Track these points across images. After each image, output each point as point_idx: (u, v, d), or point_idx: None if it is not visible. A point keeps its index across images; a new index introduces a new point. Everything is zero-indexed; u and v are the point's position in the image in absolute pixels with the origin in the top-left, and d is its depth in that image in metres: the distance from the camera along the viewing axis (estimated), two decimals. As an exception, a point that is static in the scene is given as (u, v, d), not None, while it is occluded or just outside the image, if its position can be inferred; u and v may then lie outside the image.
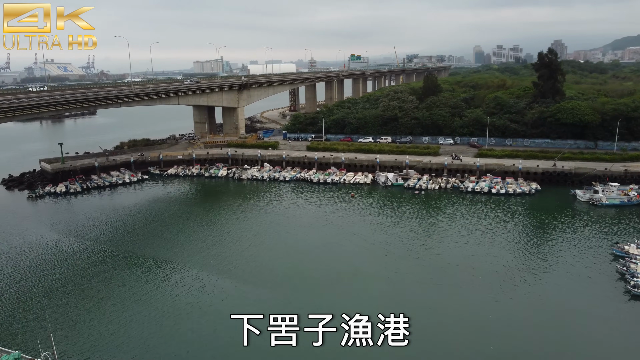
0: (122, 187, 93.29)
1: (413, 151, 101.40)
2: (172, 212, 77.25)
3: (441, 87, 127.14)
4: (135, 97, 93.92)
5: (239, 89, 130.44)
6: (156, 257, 57.55)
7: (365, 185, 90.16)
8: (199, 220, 71.97)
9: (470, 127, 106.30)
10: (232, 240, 62.79)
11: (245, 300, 40.37)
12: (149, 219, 73.24)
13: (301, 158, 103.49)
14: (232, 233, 65.83)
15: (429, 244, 60.62)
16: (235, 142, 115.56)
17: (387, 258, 56.36)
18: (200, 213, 76.57)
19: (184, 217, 73.81)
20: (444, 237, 62.78)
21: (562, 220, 69.31)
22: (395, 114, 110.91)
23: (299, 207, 78.18)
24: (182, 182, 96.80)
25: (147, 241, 63.23)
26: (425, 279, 50.53)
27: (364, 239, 62.51)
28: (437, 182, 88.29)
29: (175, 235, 64.93)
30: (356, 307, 24.01)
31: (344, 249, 59.39)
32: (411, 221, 70.10)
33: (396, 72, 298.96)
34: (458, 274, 51.76)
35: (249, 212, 75.67)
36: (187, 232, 66.55)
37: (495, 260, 54.82)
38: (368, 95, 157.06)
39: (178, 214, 75.74)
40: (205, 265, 54.22)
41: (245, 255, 57.52)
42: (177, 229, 67.89)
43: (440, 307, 42.23)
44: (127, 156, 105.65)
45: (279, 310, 22.23)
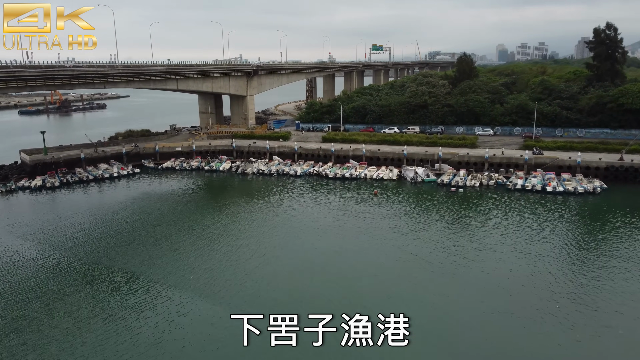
0: (109, 181, 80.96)
1: (446, 142, 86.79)
2: (159, 212, 64.32)
3: (477, 71, 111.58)
4: (123, 77, 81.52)
5: (249, 75, 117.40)
6: (128, 269, 44.66)
7: (390, 182, 76.00)
8: (189, 223, 58.81)
9: (513, 115, 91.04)
10: (226, 250, 49.47)
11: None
12: (130, 219, 60.44)
13: (315, 150, 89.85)
14: (227, 241, 52.49)
15: (474, 256, 46.24)
16: (242, 133, 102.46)
17: (422, 273, 42.41)
18: (193, 214, 63.45)
19: (172, 219, 60.78)
20: (491, 247, 48.30)
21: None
22: (425, 101, 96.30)
23: (311, 207, 64.50)
24: (179, 177, 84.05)
25: (120, 248, 50.36)
26: (485, 309, 36.39)
27: (390, 247, 48.63)
28: (477, 178, 73.59)
29: (156, 242, 51.97)
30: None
31: (368, 259, 45.64)
32: (448, 226, 55.80)
33: (419, 65, 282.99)
34: (528, 301, 37.45)
35: (251, 214, 62.24)
36: (172, 237, 53.50)
37: (567, 281, 40.33)
38: (392, 82, 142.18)
39: (165, 215, 62.78)
40: (186, 281, 41.19)
41: (244, 267, 44.23)
42: (161, 233, 54.88)
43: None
44: (119, 147, 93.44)
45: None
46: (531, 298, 38.11)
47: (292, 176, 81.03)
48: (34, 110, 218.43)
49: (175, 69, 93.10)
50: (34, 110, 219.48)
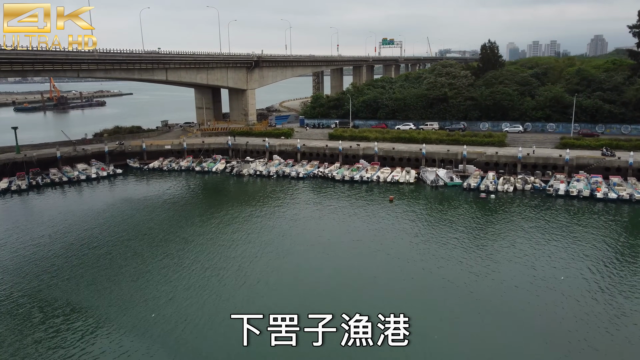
0: (86, 184, 71.15)
1: (470, 140, 75.93)
2: (134, 221, 54.14)
3: (504, 61, 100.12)
4: (100, 65, 71.45)
5: (249, 67, 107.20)
6: (82, 305, 34.60)
7: (407, 185, 65.37)
8: (167, 236, 48.58)
9: (547, 109, 79.85)
10: (205, 276, 39.22)
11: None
12: (99, 231, 50.31)
13: (321, 149, 79.43)
14: (208, 263, 42.17)
15: (519, 283, 35.55)
16: (240, 130, 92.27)
17: (457, 305, 31.93)
18: (171, 225, 53.20)
19: (147, 231, 50.60)
20: (541, 272, 37.55)
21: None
22: (445, 93, 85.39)
23: (314, 216, 54.04)
24: (166, 179, 73.99)
25: (79, 268, 40.29)
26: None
27: (414, 270, 38.07)
28: (510, 182, 62.74)
29: (124, 263, 41.85)
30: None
31: (382, 285, 35.30)
32: (481, 242, 45.11)
33: (431, 61, 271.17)
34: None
35: (241, 225, 51.84)
36: (144, 257, 43.41)
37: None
38: (407, 74, 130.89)
39: (141, 225, 52.61)
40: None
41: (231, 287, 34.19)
42: (131, 251, 44.79)
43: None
44: (101, 145, 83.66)
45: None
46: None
47: (293, 178, 70.71)
48: (29, 107, 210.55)
49: (164, 58, 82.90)
50: (30, 107, 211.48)
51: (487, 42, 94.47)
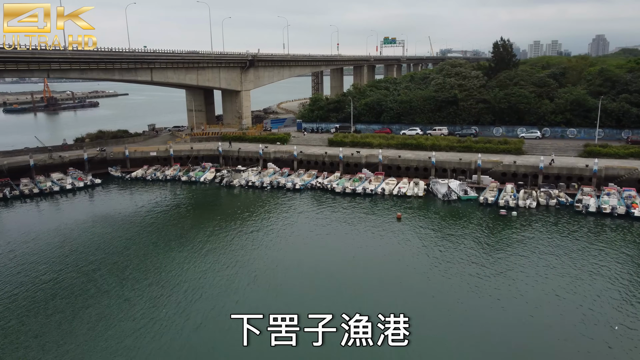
0: (60, 196, 64.31)
1: (483, 147, 69.04)
2: (101, 243, 47.11)
3: (518, 60, 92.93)
4: (74, 64, 64.44)
5: (243, 67, 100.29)
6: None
7: (416, 199, 58.43)
8: (132, 265, 41.67)
9: (567, 112, 72.82)
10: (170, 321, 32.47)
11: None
12: (59, 255, 43.36)
13: (320, 156, 72.51)
14: (171, 312, 35.29)
15: (563, 329, 28.65)
16: (232, 135, 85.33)
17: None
18: (139, 250, 46.18)
19: (110, 257, 43.65)
20: (588, 316, 30.62)
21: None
22: (454, 95, 78.39)
23: (310, 239, 47.07)
24: (148, 190, 67.04)
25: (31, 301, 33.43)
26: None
27: (430, 310, 31.29)
28: (532, 197, 55.79)
29: (83, 293, 34.97)
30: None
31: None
32: (511, 270, 38.12)
33: (434, 61, 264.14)
34: None
35: (226, 250, 44.87)
36: (107, 289, 36.50)
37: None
38: (412, 74, 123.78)
39: (107, 248, 45.60)
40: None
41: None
42: (91, 280, 37.88)
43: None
44: (80, 152, 76.72)
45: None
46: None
47: (289, 190, 63.73)
48: (19, 109, 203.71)
49: (148, 57, 75.83)
50: (20, 108, 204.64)
51: (499, 40, 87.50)
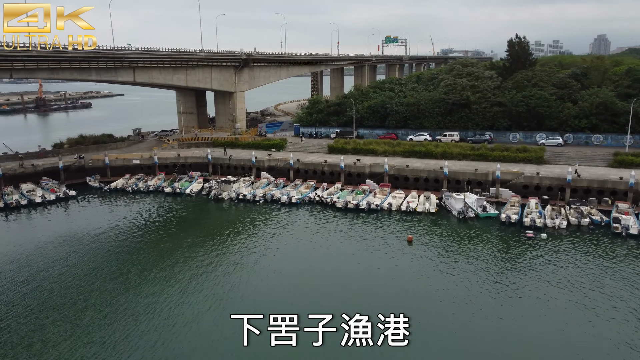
0: (28, 210, 57.50)
1: (500, 156, 62.18)
2: (63, 267, 40.16)
3: (535, 59, 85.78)
4: (41, 63, 57.55)
5: (237, 67, 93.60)
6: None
7: (428, 216, 51.53)
8: (100, 300, 34.80)
9: (592, 117, 65.90)
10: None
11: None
12: (7, 284, 36.47)
13: (319, 165, 65.65)
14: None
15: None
16: (223, 140, 78.42)
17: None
18: (113, 276, 39.21)
19: (76, 284, 36.76)
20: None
21: None
22: (467, 97, 71.47)
23: (305, 268, 40.11)
24: (127, 203, 60.12)
25: None
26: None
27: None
28: (561, 215, 48.88)
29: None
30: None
31: None
32: (545, 314, 31.23)
33: (436, 61, 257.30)
34: None
35: (210, 280, 37.93)
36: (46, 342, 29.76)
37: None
38: (418, 74, 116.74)
39: (71, 273, 38.64)
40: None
41: None
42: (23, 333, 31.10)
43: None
44: (55, 160, 69.81)
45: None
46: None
47: (284, 204, 56.80)
48: (8, 110, 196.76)
49: (129, 55, 68.88)
50: (9, 109, 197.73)
51: (514, 37, 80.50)
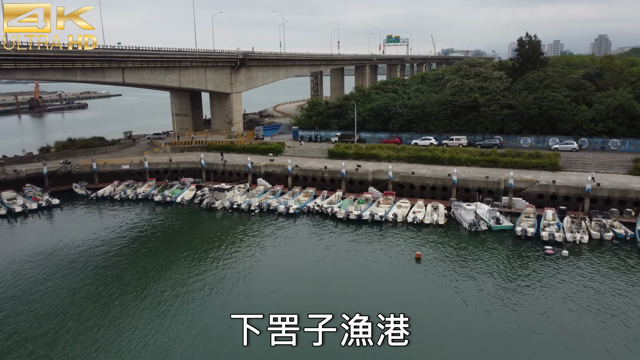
0: (7, 220, 53.69)
1: (512, 162, 58.38)
2: (40, 284, 36.31)
3: (546, 58, 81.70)
4: (20, 63, 53.63)
5: (234, 67, 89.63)
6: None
7: (437, 228, 47.66)
8: (75, 326, 31.02)
9: (609, 120, 62.03)
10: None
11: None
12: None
13: (319, 171, 61.83)
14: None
15: None
16: (218, 144, 74.59)
17: None
18: (90, 298, 35.33)
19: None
20: None
21: None
22: (475, 99, 67.59)
23: (301, 290, 36.21)
24: (114, 213, 56.27)
25: None
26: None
27: None
28: (582, 228, 45.02)
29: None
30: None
31: None
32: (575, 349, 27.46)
33: (437, 61, 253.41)
34: None
35: (195, 303, 34.07)
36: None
37: None
38: (423, 74, 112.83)
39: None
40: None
41: None
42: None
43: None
44: (40, 165, 65.99)
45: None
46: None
47: (281, 214, 52.91)
48: (2, 111, 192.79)
49: (117, 54, 64.96)
50: (3, 110, 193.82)
51: (524, 36, 76.51)
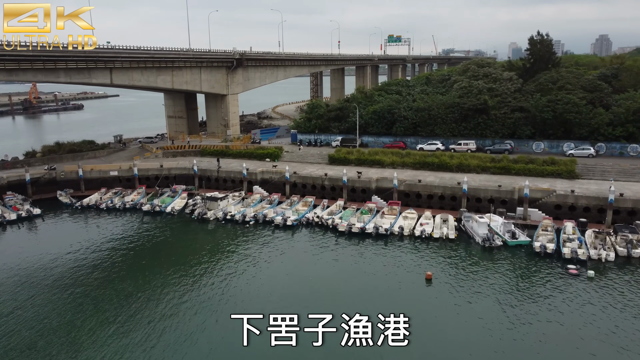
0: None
1: (525, 169, 54.53)
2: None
3: (559, 58, 77.61)
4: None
5: (230, 67, 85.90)
6: None
7: (447, 243, 43.78)
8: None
9: (628, 124, 58.18)
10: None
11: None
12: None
13: (318, 179, 57.94)
14: None
15: None
16: (212, 148, 70.71)
17: None
18: (64, 321, 31.46)
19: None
20: None
21: None
22: (484, 102, 63.73)
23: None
24: (99, 223, 52.38)
25: None
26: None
27: None
28: (607, 244, 41.14)
29: None
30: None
31: None
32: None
33: (439, 61, 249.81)
34: None
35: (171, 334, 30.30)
36: None
37: None
38: (428, 75, 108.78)
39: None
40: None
41: None
42: None
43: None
44: (21, 172, 62.13)
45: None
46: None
47: (278, 226, 49.01)
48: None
49: (105, 54, 61.12)
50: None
51: (536, 35, 72.54)
